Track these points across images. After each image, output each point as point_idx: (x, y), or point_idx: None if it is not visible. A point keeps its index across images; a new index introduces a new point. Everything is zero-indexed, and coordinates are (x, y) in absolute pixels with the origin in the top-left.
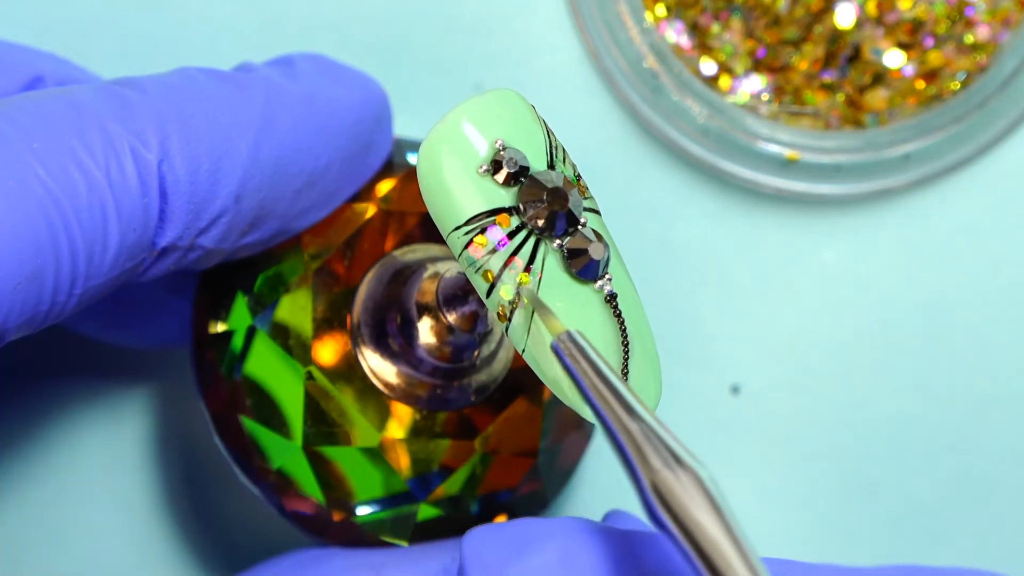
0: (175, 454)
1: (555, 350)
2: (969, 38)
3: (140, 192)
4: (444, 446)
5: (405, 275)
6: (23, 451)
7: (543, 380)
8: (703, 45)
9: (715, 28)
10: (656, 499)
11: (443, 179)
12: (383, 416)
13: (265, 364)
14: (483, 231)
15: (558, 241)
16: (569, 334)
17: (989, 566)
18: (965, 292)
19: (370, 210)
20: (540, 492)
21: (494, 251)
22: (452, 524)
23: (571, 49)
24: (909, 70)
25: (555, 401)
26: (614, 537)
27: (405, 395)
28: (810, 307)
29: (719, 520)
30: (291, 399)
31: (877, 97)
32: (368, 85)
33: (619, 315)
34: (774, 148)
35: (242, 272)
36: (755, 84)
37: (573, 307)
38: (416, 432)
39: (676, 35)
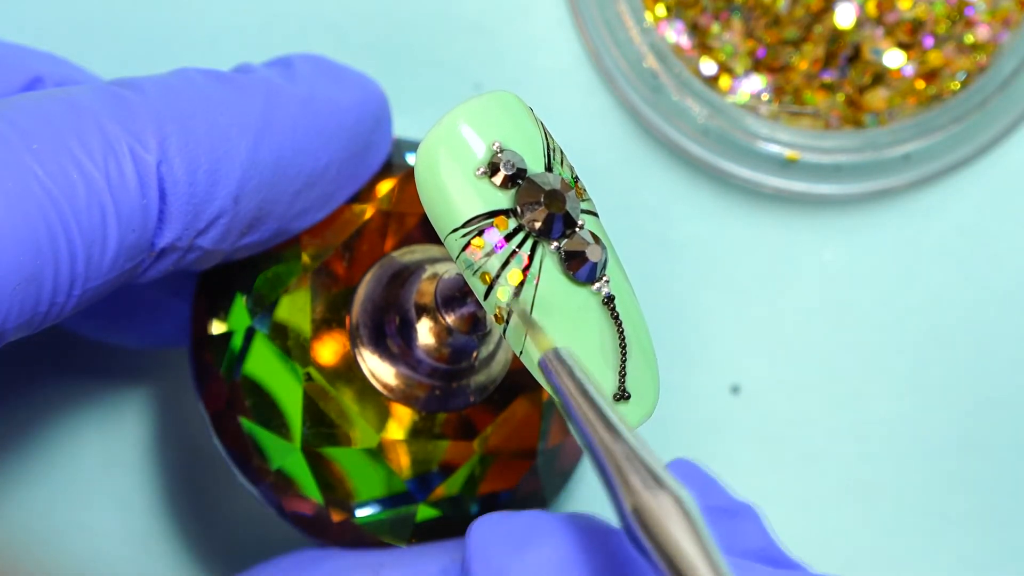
0: (175, 454)
1: (542, 367)
2: (969, 38)
3: (139, 193)
4: (443, 447)
5: (404, 276)
6: (23, 451)
7: (540, 382)
8: (703, 45)
9: (715, 28)
10: (636, 521)
11: (440, 181)
12: (382, 417)
13: (264, 365)
14: (480, 233)
15: (555, 243)
16: (557, 352)
17: (987, 567)
18: (965, 292)
19: (369, 211)
20: (539, 493)
21: (491, 253)
22: (451, 525)
23: (571, 49)
24: (909, 70)
25: (554, 402)
26: (615, 540)
27: (404, 396)
28: (810, 307)
29: (698, 544)
30: (290, 400)
31: (877, 97)
32: (367, 86)
33: (616, 317)
34: (774, 148)
35: (241, 273)
36: (755, 84)
37: (570, 309)
38: (415, 433)
39: (676, 35)
